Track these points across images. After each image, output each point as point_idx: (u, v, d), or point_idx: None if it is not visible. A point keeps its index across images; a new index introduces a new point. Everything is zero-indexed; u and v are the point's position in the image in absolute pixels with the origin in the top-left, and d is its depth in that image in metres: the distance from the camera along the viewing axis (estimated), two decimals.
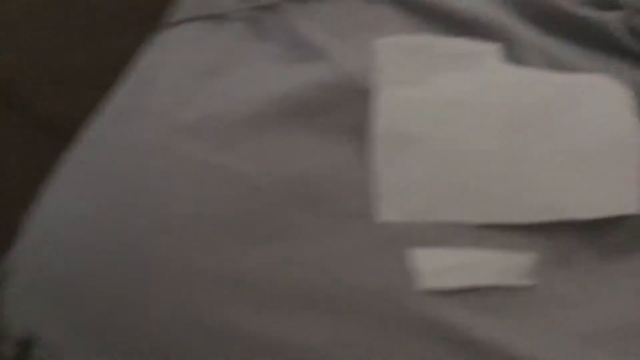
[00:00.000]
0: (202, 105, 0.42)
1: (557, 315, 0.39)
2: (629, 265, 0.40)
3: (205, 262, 0.39)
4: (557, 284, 0.39)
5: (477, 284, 0.38)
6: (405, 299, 0.38)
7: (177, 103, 0.43)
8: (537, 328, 0.39)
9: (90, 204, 0.42)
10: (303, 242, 0.39)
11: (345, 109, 0.40)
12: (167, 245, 0.39)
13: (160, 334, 0.38)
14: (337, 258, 0.39)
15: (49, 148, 0.49)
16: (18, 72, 0.61)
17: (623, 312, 0.39)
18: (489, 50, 0.41)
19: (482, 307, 0.38)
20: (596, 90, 0.40)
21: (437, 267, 0.38)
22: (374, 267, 0.38)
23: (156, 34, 0.50)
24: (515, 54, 0.41)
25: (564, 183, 0.39)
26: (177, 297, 0.38)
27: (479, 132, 0.40)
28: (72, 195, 0.44)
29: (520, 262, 0.39)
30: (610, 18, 0.42)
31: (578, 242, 0.40)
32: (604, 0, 0.42)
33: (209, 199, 0.40)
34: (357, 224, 0.39)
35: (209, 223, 0.39)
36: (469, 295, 0.38)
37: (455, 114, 0.40)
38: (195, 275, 0.38)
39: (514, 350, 0.37)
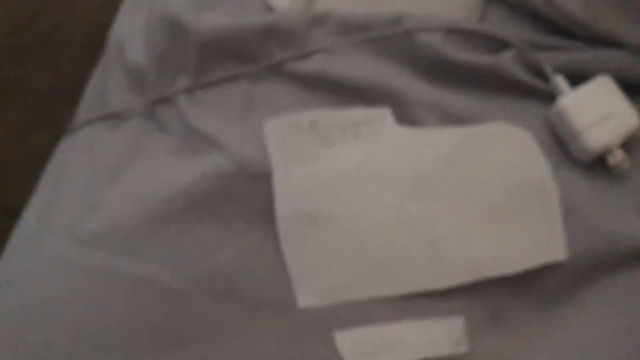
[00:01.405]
0: (103, 212, 0.41)
1: None
2: (566, 314, 0.38)
3: None
4: (495, 346, 0.38)
5: None
6: None
7: (79, 214, 0.42)
8: None
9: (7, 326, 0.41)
10: (223, 341, 0.38)
11: (247, 196, 0.39)
12: (83, 357, 0.38)
13: None
14: (262, 353, 0.37)
15: None
16: None
17: None
18: (380, 116, 0.40)
19: None
20: (497, 139, 0.39)
21: (360, 348, 0.37)
22: (302, 356, 0.37)
23: (63, 140, 0.49)
24: (408, 114, 0.40)
25: (481, 240, 0.38)
26: None
27: (381, 202, 0.38)
28: None
29: (450, 329, 0.38)
30: (504, 59, 0.41)
31: (512, 298, 0.38)
32: (493, 42, 0.41)
33: (121, 308, 0.38)
34: (277, 313, 0.38)
35: (124, 332, 0.38)
36: None
37: (354, 187, 0.39)
38: None
39: None
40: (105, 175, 0.43)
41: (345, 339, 0.37)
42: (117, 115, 0.45)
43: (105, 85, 0.47)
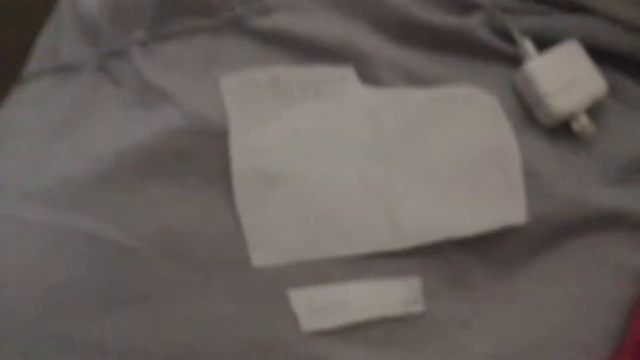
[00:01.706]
0: (52, 167, 0.39)
1: (452, 341, 0.37)
2: (525, 279, 0.38)
3: (71, 330, 0.36)
4: (451, 308, 0.38)
5: (358, 319, 0.36)
6: (291, 344, 0.36)
7: (28, 169, 0.40)
8: (429, 357, 0.37)
9: None
10: (175, 300, 0.36)
11: (203, 155, 0.38)
12: (32, 314, 0.36)
13: None
14: (216, 312, 0.36)
15: None
16: None
17: (522, 334, 0.37)
18: (343, 75, 0.39)
19: (367, 342, 0.36)
20: (461, 103, 0.38)
21: (315, 307, 0.36)
22: (256, 317, 0.36)
23: (12, 91, 0.47)
24: (372, 74, 0.39)
25: (441, 202, 0.37)
26: None
27: (341, 163, 0.37)
28: None
29: (406, 289, 0.37)
30: (471, 21, 0.39)
31: (471, 261, 0.38)
32: (461, 3, 0.40)
33: (69, 265, 0.37)
34: (232, 273, 0.37)
35: (76, 289, 0.36)
36: (354, 331, 0.36)
37: (314, 147, 0.37)
38: (65, 344, 0.36)
39: None
40: (54, 130, 0.41)
41: (300, 298, 0.36)
42: (68, 67, 0.43)
43: (57, 37, 0.45)
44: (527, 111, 0.39)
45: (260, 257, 0.37)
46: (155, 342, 0.36)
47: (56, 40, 0.44)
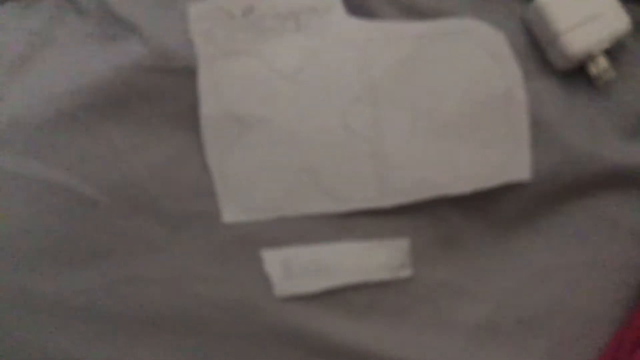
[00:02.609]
0: (8, 108, 0.35)
1: (442, 308, 0.34)
2: (524, 242, 0.35)
3: (24, 283, 0.33)
4: (443, 271, 0.35)
5: (338, 284, 0.33)
6: (263, 308, 0.33)
7: None
8: (416, 326, 0.34)
9: None
10: (142, 256, 0.34)
11: (169, 94, 0.34)
12: None
13: None
14: (184, 270, 0.34)
15: None
16: None
17: (519, 301, 0.34)
18: (328, 4, 0.34)
19: (347, 309, 0.34)
20: (463, 38, 0.33)
21: (291, 269, 0.33)
22: (226, 276, 0.34)
23: None
24: (361, 4, 0.34)
25: (434, 155, 0.33)
26: (9, 324, 0.34)
27: (323, 107, 0.33)
28: None
29: (393, 252, 0.34)
30: None
31: (466, 221, 0.34)
32: None
33: (21, 214, 0.34)
34: (201, 228, 0.34)
35: (27, 241, 0.33)
36: (334, 296, 0.34)
37: (293, 87, 0.33)
38: (18, 297, 0.33)
39: (382, 353, 0.33)
40: (11, 64, 0.36)
41: (274, 259, 0.33)
42: None
43: None
44: (538, 51, 0.34)
45: (232, 212, 0.34)
46: (117, 301, 0.33)
47: None
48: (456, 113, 0.33)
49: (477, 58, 0.33)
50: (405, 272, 0.34)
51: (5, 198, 0.34)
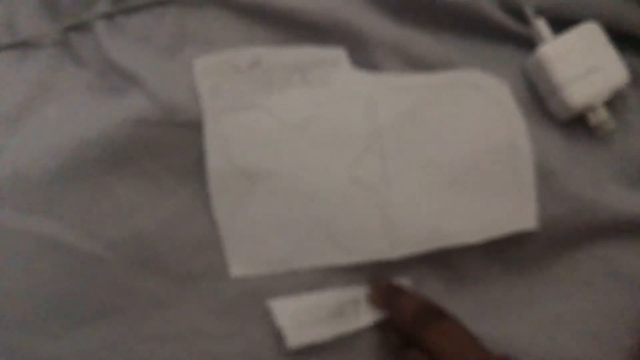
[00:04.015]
0: (7, 161, 0.34)
1: None
2: (533, 288, 0.35)
3: (27, 345, 0.32)
4: (459, 307, 0.34)
5: (352, 329, 0.33)
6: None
7: None
8: None
9: None
10: (148, 314, 0.33)
11: (174, 148, 0.34)
12: None
13: None
14: (192, 327, 0.33)
15: None
16: None
17: (527, 347, 0.34)
18: (334, 57, 0.34)
19: (362, 353, 0.33)
20: (467, 90, 0.34)
21: (302, 318, 0.33)
22: (234, 331, 0.33)
23: None
24: (367, 56, 0.34)
25: (442, 205, 0.33)
26: None
27: (330, 160, 0.33)
28: None
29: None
30: None
31: (475, 268, 0.34)
32: None
33: (25, 272, 0.33)
34: (209, 284, 0.33)
35: (32, 301, 0.33)
36: (343, 345, 0.33)
37: (300, 140, 0.33)
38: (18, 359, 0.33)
39: None
40: (10, 116, 0.36)
41: (283, 309, 0.33)
42: (27, 43, 0.38)
43: (13, 9, 0.39)
44: (538, 101, 0.35)
45: (240, 266, 0.33)
46: (129, 358, 0.33)
47: (12, 13, 0.39)
48: (463, 163, 0.33)
49: (482, 109, 0.34)
50: None
51: (6, 255, 0.33)
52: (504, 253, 0.34)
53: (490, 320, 0.34)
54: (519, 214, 0.33)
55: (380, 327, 0.33)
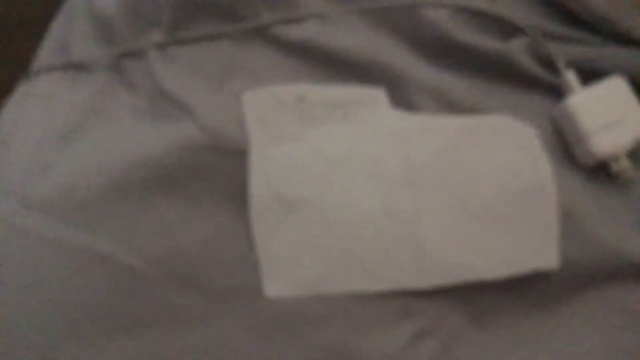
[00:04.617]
0: (57, 176, 0.37)
1: None
2: (551, 326, 0.36)
3: (73, 354, 0.34)
4: (475, 349, 0.35)
5: None
6: None
7: (31, 174, 0.37)
8: None
9: None
10: (184, 328, 0.34)
11: (217, 173, 0.35)
12: (26, 334, 0.34)
13: None
14: (225, 344, 0.34)
15: None
16: None
17: None
18: (373, 96, 0.36)
19: None
20: (498, 133, 0.36)
21: None
22: (266, 350, 0.34)
23: (19, 86, 0.44)
24: (405, 97, 0.36)
25: (469, 241, 0.35)
26: None
27: (366, 192, 0.35)
28: None
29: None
30: (513, 46, 0.37)
31: (497, 303, 0.36)
32: (504, 26, 0.37)
33: (70, 284, 0.34)
34: (244, 303, 0.35)
35: (74, 311, 0.34)
36: None
37: (338, 172, 0.35)
38: None
39: None
40: (61, 133, 0.38)
41: None
42: (80, 65, 0.40)
43: (69, 31, 0.42)
44: (565, 147, 0.37)
45: (275, 287, 0.35)
46: None
47: (67, 35, 0.42)
48: (491, 203, 0.35)
49: (511, 152, 0.36)
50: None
51: (50, 267, 0.35)
52: (524, 291, 0.36)
53: (510, 354, 0.35)
54: (541, 253, 0.35)
55: None
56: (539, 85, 0.38)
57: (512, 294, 0.36)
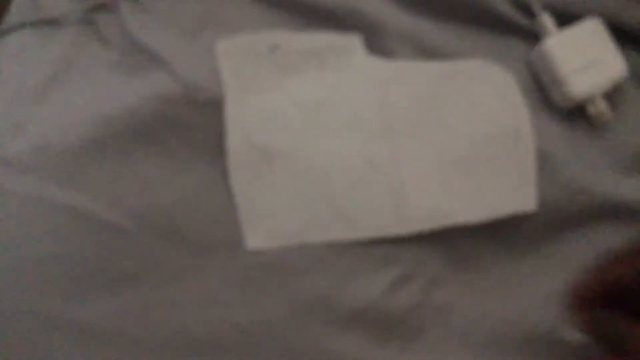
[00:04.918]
0: (32, 133, 0.36)
1: (454, 327, 0.36)
2: (529, 267, 0.37)
3: (52, 309, 0.34)
4: (454, 293, 0.36)
5: None
6: (284, 330, 0.34)
7: (6, 132, 0.37)
8: (429, 347, 0.36)
9: None
10: (168, 283, 0.34)
11: (194, 125, 0.35)
12: (10, 291, 0.34)
13: None
14: (209, 296, 0.35)
15: None
16: None
17: (521, 324, 0.36)
18: (349, 43, 0.36)
19: (365, 333, 0.35)
20: (476, 78, 0.36)
21: None
22: (249, 301, 0.35)
23: None
24: (380, 44, 0.36)
25: (448, 186, 0.35)
26: (28, 347, 0.34)
27: (344, 140, 0.35)
28: None
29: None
30: None
31: (476, 247, 0.36)
32: None
33: (50, 241, 0.34)
34: (226, 255, 0.35)
35: (55, 267, 0.34)
36: (355, 320, 0.35)
37: (316, 121, 0.35)
38: (48, 324, 0.34)
39: None
40: (35, 89, 0.38)
41: None
42: (51, 21, 0.40)
43: None
44: (542, 91, 0.37)
45: (255, 239, 0.35)
46: (144, 325, 0.34)
47: None
48: (468, 147, 0.35)
49: (489, 96, 0.36)
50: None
51: (30, 224, 0.35)
52: (500, 235, 0.36)
53: (490, 297, 0.36)
54: (519, 196, 0.35)
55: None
56: (515, 29, 0.37)
57: (492, 238, 0.36)
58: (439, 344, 0.36)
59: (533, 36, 0.37)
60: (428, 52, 0.36)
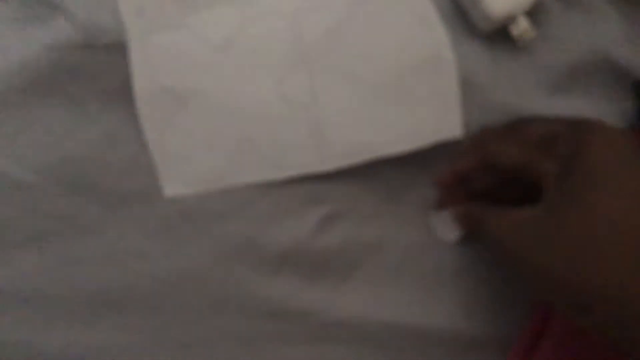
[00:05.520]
0: None
1: (387, 262, 0.35)
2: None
3: None
4: (386, 227, 0.35)
5: None
6: (210, 277, 0.33)
7: None
8: (363, 283, 0.35)
9: None
10: (83, 236, 0.33)
11: (100, 72, 0.33)
12: None
13: None
14: (126, 248, 0.33)
15: None
16: None
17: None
18: None
19: (295, 274, 0.34)
20: (391, 4, 0.34)
21: None
22: (170, 250, 0.33)
23: None
24: None
25: (369, 118, 0.34)
26: None
27: (258, 77, 0.33)
28: None
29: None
30: None
31: (406, 180, 0.35)
32: None
33: None
34: (141, 205, 0.34)
35: None
36: (282, 261, 0.34)
37: (227, 59, 0.33)
38: None
39: (329, 313, 0.34)
40: None
41: None
42: None
43: None
44: (461, 15, 0.35)
45: (173, 186, 0.33)
46: (61, 283, 0.33)
47: None
48: (388, 76, 0.34)
49: (406, 23, 0.34)
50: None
51: None
52: (430, 163, 0.35)
53: (424, 229, 0.35)
54: (445, 123, 0.34)
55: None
56: None
57: (422, 168, 0.35)
58: (373, 279, 0.35)
59: None
60: None
